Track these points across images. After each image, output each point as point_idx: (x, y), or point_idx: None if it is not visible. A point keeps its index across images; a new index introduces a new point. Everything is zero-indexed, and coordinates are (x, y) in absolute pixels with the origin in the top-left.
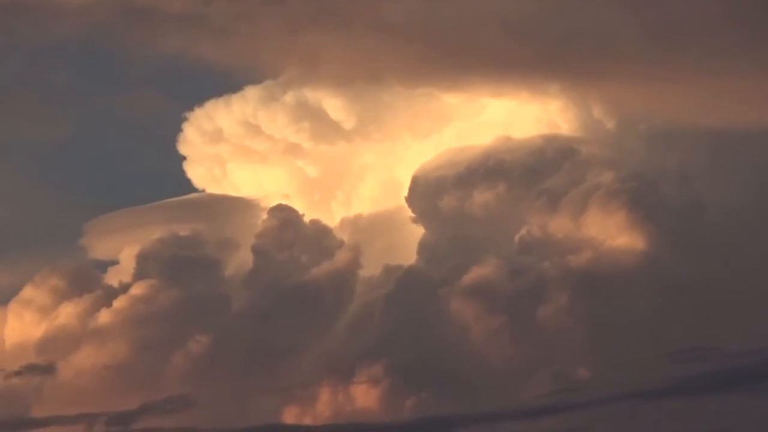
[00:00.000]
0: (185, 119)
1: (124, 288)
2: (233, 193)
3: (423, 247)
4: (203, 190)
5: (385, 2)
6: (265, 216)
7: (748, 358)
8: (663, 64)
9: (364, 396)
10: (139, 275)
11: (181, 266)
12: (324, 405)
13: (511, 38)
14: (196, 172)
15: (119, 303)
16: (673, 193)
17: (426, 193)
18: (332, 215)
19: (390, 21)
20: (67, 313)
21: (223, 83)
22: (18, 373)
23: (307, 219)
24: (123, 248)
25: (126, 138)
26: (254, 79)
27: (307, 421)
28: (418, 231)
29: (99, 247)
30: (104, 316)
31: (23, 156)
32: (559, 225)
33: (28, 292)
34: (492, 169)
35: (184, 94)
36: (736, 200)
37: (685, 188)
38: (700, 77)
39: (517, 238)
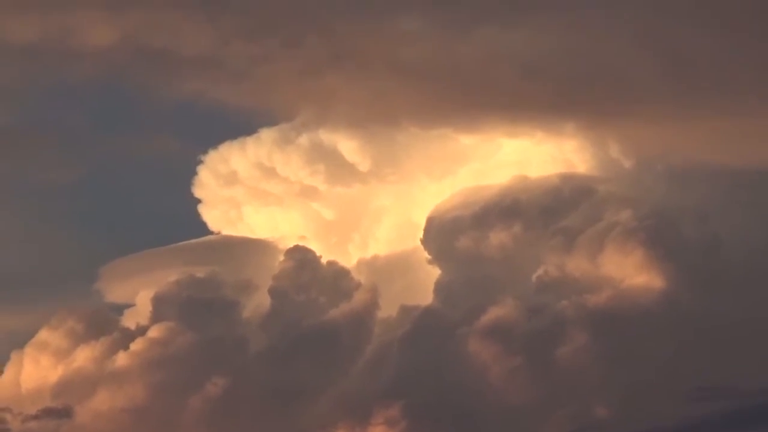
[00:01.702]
0: (200, 162)
1: (141, 331)
2: (249, 235)
3: (439, 288)
4: (218, 233)
5: (400, 44)
6: (281, 257)
7: (765, 396)
8: (680, 103)
9: None
10: (156, 318)
11: (198, 308)
12: None
13: (527, 78)
14: (212, 215)
15: (136, 346)
16: (690, 232)
17: (441, 233)
18: (349, 257)
19: (405, 62)
20: (84, 356)
21: (238, 125)
22: (35, 417)
23: (324, 260)
24: (139, 291)
25: (141, 181)
26: (270, 122)
27: None
28: (435, 272)
29: (115, 291)
30: (121, 359)
31: (38, 199)
32: (577, 264)
33: (44, 335)
34: (508, 209)
35: (199, 137)
36: (753, 238)
37: (702, 226)
38: (717, 116)
39: (534, 277)
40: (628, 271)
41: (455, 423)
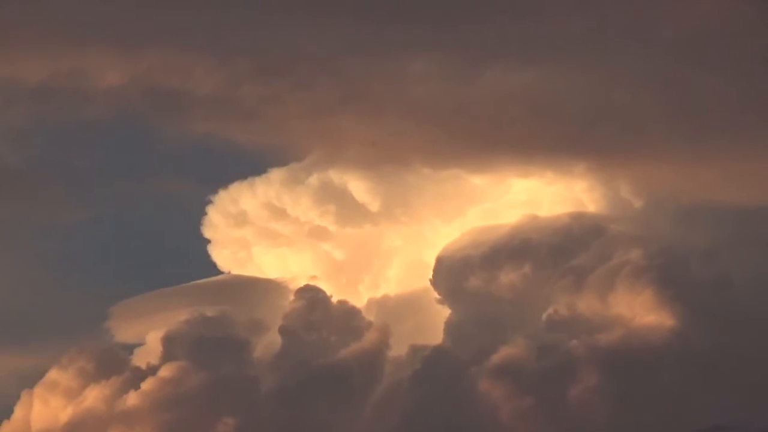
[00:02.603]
0: (210, 202)
1: (153, 370)
2: (259, 275)
3: (450, 328)
4: (228, 273)
5: (410, 85)
6: (292, 297)
7: None
8: (689, 143)
9: None
10: (166, 357)
11: (209, 347)
12: None
13: (537, 118)
14: (221, 255)
15: (147, 385)
16: (700, 270)
17: (451, 273)
18: (359, 297)
19: (415, 103)
20: (94, 396)
21: (248, 166)
22: None
23: (334, 300)
24: (149, 331)
25: (152, 221)
26: (280, 162)
27: None
28: (446, 311)
29: (125, 331)
30: (132, 399)
31: (48, 239)
32: (587, 303)
33: (54, 374)
34: (518, 248)
35: (209, 177)
36: (762, 276)
37: (712, 265)
38: (726, 157)
39: (544, 316)
40: (638, 310)
41: None
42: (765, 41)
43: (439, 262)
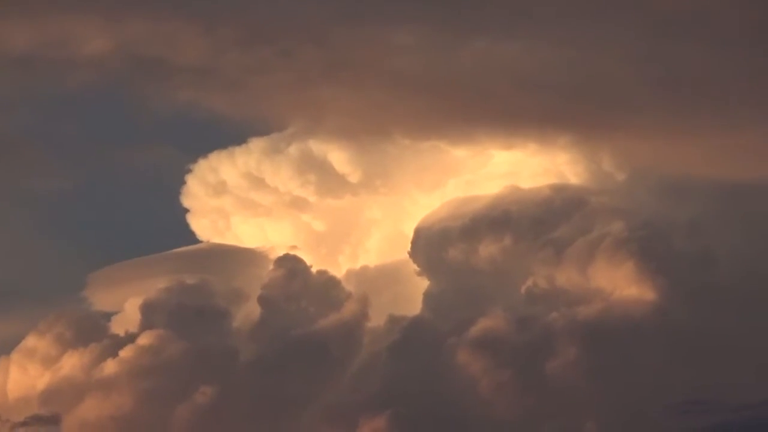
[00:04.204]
0: (189, 171)
1: (131, 338)
2: (238, 245)
3: (428, 299)
4: (207, 242)
5: (394, 56)
6: (271, 267)
7: (754, 411)
8: (673, 116)
9: None
10: (145, 325)
11: (188, 316)
12: None
13: (520, 90)
14: (200, 225)
15: (125, 353)
16: (682, 244)
17: (430, 244)
18: (339, 268)
19: (398, 74)
20: (72, 363)
21: (230, 135)
22: (23, 425)
23: (314, 270)
24: (127, 299)
25: (131, 189)
26: (262, 132)
27: None
28: (425, 283)
29: (102, 299)
30: (110, 367)
31: (27, 207)
32: (567, 276)
33: (31, 341)
34: (498, 220)
35: (191, 146)
36: (745, 251)
37: (694, 239)
38: (710, 130)
39: (523, 289)
40: (619, 283)
41: None
42: (748, 15)
43: (418, 233)
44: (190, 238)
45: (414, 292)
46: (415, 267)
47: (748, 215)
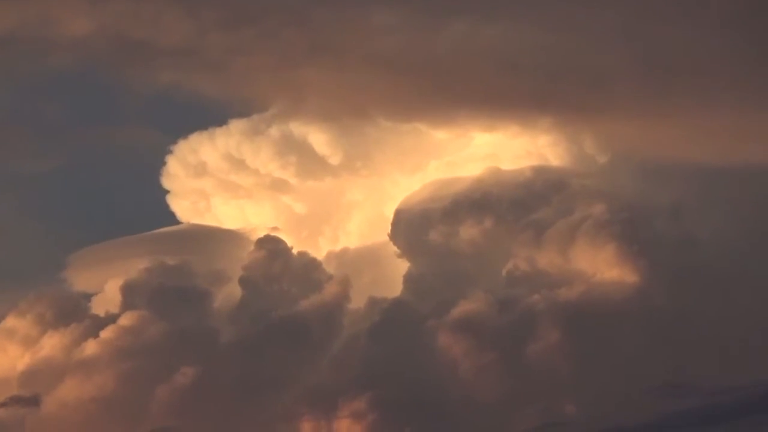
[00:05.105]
0: (170, 152)
1: (112, 318)
2: (218, 226)
3: (408, 281)
4: (187, 223)
5: (375, 37)
6: (252, 248)
7: (730, 394)
8: (655, 99)
9: (348, 431)
10: (125, 306)
11: (169, 297)
12: None
13: (502, 73)
14: (181, 206)
15: (106, 334)
16: (664, 227)
17: (410, 226)
18: (319, 250)
19: (380, 56)
20: (52, 343)
21: (211, 116)
22: (2, 405)
23: (295, 251)
24: (107, 280)
25: (112, 170)
26: (242, 113)
27: None
28: (405, 265)
29: (82, 280)
30: (90, 347)
31: (7, 188)
32: (548, 258)
33: (11, 322)
34: (479, 202)
35: (172, 127)
36: (727, 235)
37: (676, 222)
38: (692, 113)
39: (504, 271)
40: (600, 266)
41: (422, 417)
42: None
43: (398, 215)
44: (171, 219)
45: (394, 274)
46: (395, 249)
47: (729, 198)
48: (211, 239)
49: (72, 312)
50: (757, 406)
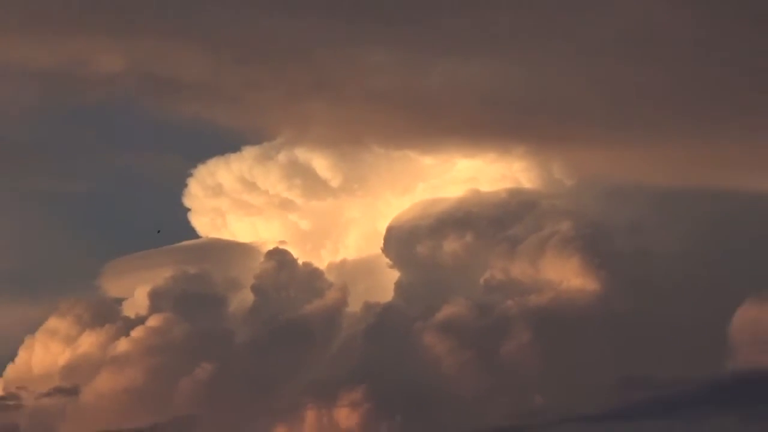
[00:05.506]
0: (190, 175)
1: (141, 320)
2: (233, 240)
3: (399, 288)
4: (206, 237)
5: (371, 74)
6: (263, 259)
7: (685, 385)
8: (617, 130)
9: (346, 419)
10: (153, 309)
11: (190, 301)
12: (310, 426)
13: (482, 106)
14: (200, 222)
15: (136, 333)
16: (623, 242)
17: (400, 241)
18: (321, 261)
19: (375, 90)
20: (89, 342)
21: (227, 144)
22: (47, 395)
23: (300, 262)
24: (136, 287)
25: (139, 191)
26: (254, 141)
27: None
28: (396, 274)
29: (115, 286)
30: (122, 345)
31: (49, 205)
32: (521, 268)
33: (53, 322)
34: (461, 220)
35: (192, 153)
36: (678, 249)
37: (633, 238)
38: (649, 142)
39: (482, 280)
40: (566, 276)
41: (411, 406)
42: (686, 38)
43: (390, 231)
44: (192, 233)
45: (386, 282)
46: (387, 260)
47: (682, 218)
48: (226, 251)
49: (106, 314)
50: (703, 397)
